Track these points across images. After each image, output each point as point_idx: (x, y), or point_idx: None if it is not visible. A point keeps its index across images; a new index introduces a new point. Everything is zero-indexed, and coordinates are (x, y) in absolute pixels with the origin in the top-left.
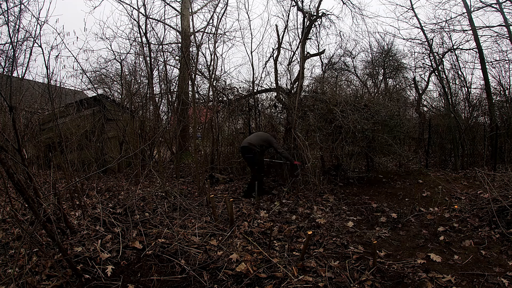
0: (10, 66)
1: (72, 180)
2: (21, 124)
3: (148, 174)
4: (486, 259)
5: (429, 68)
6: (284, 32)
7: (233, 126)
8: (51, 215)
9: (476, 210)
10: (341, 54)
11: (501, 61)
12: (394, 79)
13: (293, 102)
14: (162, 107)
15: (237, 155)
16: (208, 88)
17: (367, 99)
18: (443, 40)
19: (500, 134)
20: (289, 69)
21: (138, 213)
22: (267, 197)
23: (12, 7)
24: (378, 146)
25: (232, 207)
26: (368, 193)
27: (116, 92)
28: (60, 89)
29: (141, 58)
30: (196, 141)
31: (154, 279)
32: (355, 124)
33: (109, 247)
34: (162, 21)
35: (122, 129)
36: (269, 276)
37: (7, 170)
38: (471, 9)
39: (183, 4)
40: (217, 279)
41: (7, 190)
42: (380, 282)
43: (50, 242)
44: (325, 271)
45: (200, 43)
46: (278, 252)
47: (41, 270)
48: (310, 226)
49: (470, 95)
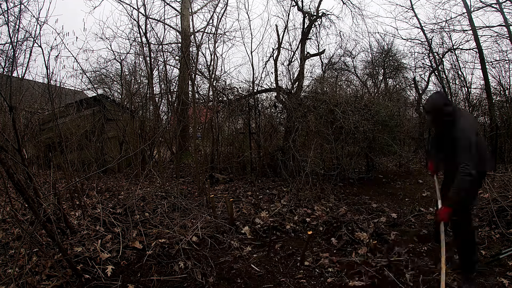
0: (10, 66)
1: (72, 180)
2: (21, 124)
3: (148, 174)
4: (486, 259)
5: (429, 68)
6: (284, 32)
7: (233, 126)
8: (51, 215)
9: (476, 210)
10: (341, 54)
11: (501, 61)
12: (394, 79)
13: (293, 102)
14: (162, 107)
15: (236, 155)
16: (208, 88)
17: (367, 99)
18: (443, 40)
19: (500, 134)
20: (289, 69)
21: (138, 213)
22: (267, 198)
23: (12, 7)
24: (378, 146)
25: (232, 207)
26: (368, 193)
27: (116, 92)
28: (60, 89)
29: (141, 58)
30: (196, 141)
31: (154, 279)
32: (356, 125)
33: (109, 247)
34: (162, 21)
35: (122, 129)
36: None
37: (7, 170)
38: (471, 9)
39: (183, 4)
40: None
41: (7, 190)
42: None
43: (50, 242)
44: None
45: (200, 43)
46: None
47: (41, 270)
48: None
49: (470, 95)
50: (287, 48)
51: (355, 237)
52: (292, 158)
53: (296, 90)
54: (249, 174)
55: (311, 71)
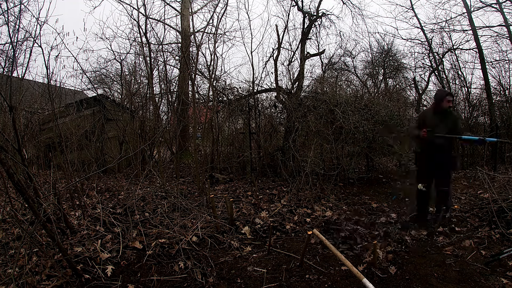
0: (10, 66)
1: (72, 180)
2: (21, 124)
3: (148, 174)
4: (486, 259)
5: (429, 68)
6: (284, 32)
7: (233, 126)
8: (51, 215)
9: (476, 210)
10: (341, 54)
11: (501, 61)
12: (394, 79)
13: (293, 102)
14: (162, 107)
15: (236, 155)
16: (208, 88)
17: (367, 99)
18: (443, 40)
19: (500, 134)
20: (289, 69)
21: (138, 213)
22: (267, 198)
23: (12, 7)
24: (378, 146)
25: (232, 207)
26: (368, 193)
27: (116, 92)
28: (60, 89)
29: (141, 58)
30: (196, 141)
31: (154, 279)
32: (356, 125)
33: (109, 247)
34: (162, 21)
35: (122, 129)
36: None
37: (7, 170)
38: (471, 9)
39: (183, 4)
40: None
41: (7, 190)
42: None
43: (50, 242)
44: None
45: (200, 43)
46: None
47: (41, 270)
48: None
49: (470, 95)
50: (287, 48)
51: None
52: (292, 158)
53: (296, 90)
54: (249, 174)
55: (311, 71)
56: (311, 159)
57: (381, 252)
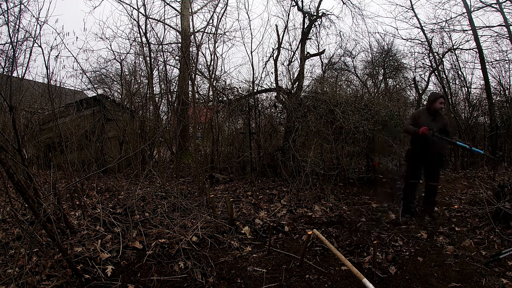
0: (10, 66)
1: (72, 180)
2: (21, 124)
3: (148, 174)
4: (486, 259)
5: (429, 68)
6: (284, 32)
7: (233, 126)
8: (51, 215)
9: (476, 210)
10: (341, 54)
11: (501, 61)
12: (394, 79)
13: (293, 102)
14: (162, 107)
15: (236, 155)
16: (208, 88)
17: (367, 99)
18: (443, 40)
19: (500, 134)
20: (289, 69)
21: (138, 213)
22: (267, 198)
23: (12, 7)
24: None
25: (232, 207)
26: (368, 193)
27: (116, 92)
28: (60, 89)
29: (141, 58)
30: (196, 141)
31: (154, 279)
32: (356, 125)
33: (109, 247)
34: (162, 21)
35: (122, 129)
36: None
37: (7, 170)
38: (471, 9)
39: (183, 4)
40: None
41: (7, 190)
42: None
43: (50, 242)
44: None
45: (200, 43)
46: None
47: (41, 270)
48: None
49: (470, 95)
50: (287, 48)
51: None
52: (292, 158)
53: (296, 90)
54: (249, 174)
55: (311, 71)
56: (311, 159)
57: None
